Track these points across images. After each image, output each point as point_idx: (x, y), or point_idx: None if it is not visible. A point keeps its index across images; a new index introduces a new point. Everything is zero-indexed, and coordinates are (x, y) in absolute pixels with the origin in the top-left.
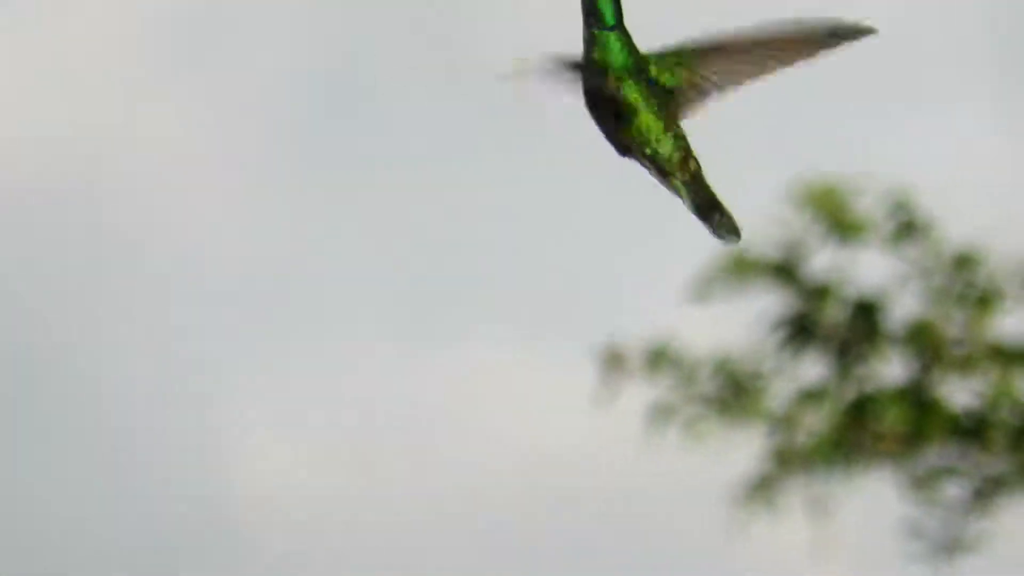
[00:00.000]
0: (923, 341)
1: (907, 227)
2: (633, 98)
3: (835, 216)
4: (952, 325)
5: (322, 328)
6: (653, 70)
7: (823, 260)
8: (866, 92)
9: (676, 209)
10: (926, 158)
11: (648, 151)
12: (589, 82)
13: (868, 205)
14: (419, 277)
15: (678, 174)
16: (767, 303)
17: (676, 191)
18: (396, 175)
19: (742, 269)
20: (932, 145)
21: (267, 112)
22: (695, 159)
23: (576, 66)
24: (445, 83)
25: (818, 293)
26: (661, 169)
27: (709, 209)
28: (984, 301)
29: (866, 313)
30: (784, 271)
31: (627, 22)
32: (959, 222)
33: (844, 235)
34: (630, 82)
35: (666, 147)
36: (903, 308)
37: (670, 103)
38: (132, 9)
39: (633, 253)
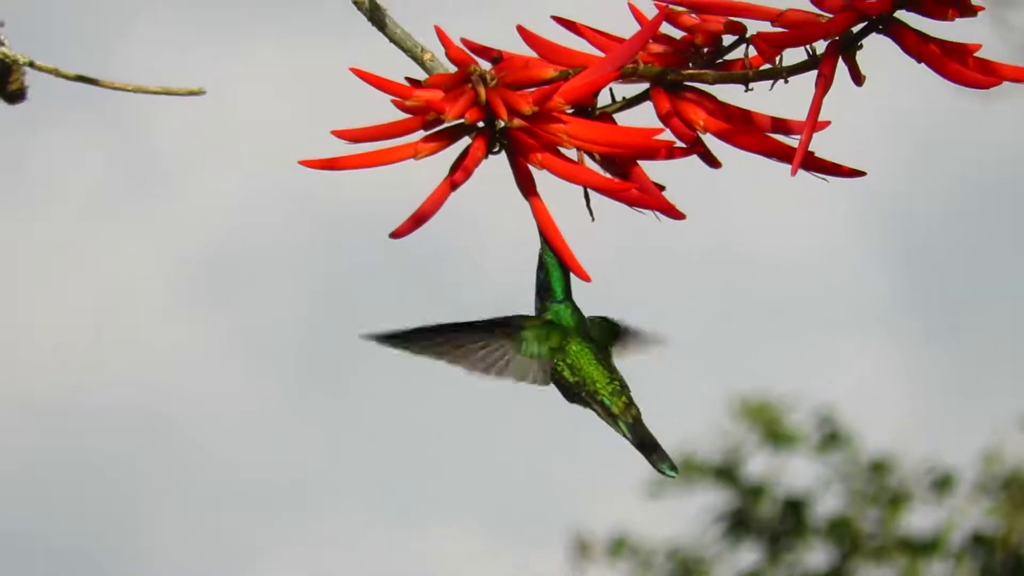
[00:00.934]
0: (843, 534)
1: (830, 438)
2: (583, 356)
3: (769, 427)
4: (868, 521)
5: (318, 516)
6: (595, 332)
7: (758, 464)
8: (799, 326)
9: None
10: (847, 381)
11: (597, 398)
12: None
13: (797, 419)
14: (409, 472)
15: (622, 417)
16: (710, 500)
17: (621, 432)
18: (388, 397)
19: (689, 471)
20: (852, 370)
21: (277, 343)
22: (636, 406)
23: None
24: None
25: (754, 492)
26: (609, 413)
27: (649, 447)
28: (895, 501)
29: (795, 509)
30: (724, 473)
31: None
32: (874, 435)
33: (776, 443)
34: (579, 341)
35: (611, 396)
36: (826, 506)
37: (612, 359)
38: (165, 257)
39: (598, 459)
